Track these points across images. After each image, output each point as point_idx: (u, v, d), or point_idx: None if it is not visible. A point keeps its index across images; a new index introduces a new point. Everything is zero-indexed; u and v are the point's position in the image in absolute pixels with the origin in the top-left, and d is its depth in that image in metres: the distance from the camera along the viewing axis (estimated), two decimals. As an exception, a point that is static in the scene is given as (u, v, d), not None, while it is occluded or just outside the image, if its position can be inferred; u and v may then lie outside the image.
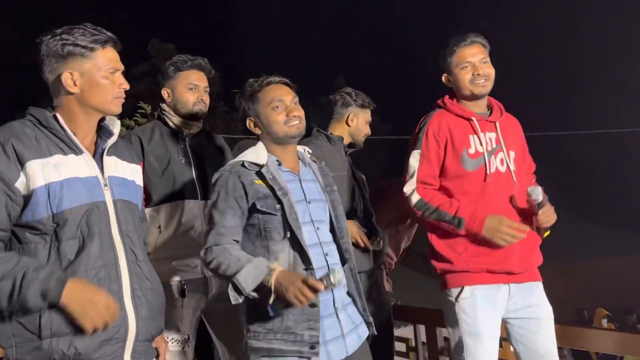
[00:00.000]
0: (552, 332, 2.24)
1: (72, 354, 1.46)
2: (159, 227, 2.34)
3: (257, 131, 1.96)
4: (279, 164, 1.91)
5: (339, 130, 2.90)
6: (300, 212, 1.84)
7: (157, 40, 19.06)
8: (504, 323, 2.27)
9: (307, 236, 1.83)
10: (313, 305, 1.75)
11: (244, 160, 1.88)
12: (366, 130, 2.93)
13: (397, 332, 2.97)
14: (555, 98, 24.86)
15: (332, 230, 1.98)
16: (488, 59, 2.27)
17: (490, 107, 2.33)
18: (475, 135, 2.22)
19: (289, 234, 1.80)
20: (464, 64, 2.23)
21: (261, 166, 1.85)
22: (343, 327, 1.86)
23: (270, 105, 1.91)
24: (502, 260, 2.17)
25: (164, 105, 2.48)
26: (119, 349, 1.53)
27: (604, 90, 24.49)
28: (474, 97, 2.26)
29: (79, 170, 1.54)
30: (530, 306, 2.22)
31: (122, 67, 1.63)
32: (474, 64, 2.23)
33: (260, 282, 1.68)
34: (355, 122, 2.89)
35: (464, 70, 2.24)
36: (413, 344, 3.47)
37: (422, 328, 3.32)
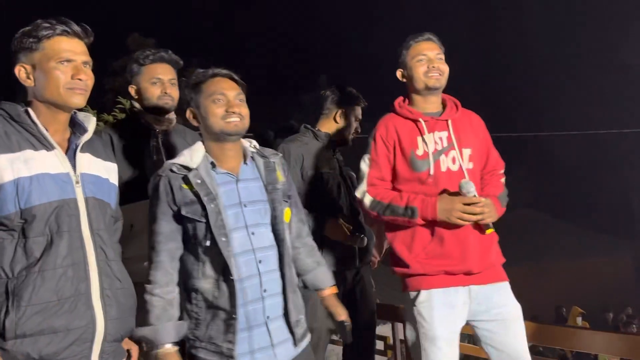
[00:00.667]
0: (522, 333, 2.21)
1: (37, 356, 1.43)
2: (131, 226, 2.32)
3: (195, 123, 1.89)
4: (213, 167, 1.82)
5: (326, 126, 2.87)
6: (232, 217, 1.77)
7: (138, 35, 18.80)
8: (471, 327, 2.25)
9: (239, 242, 1.76)
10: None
11: (173, 163, 1.81)
12: (356, 127, 2.90)
13: (376, 330, 2.99)
14: (532, 99, 25.21)
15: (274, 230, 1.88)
16: (443, 57, 2.29)
17: (444, 104, 2.33)
18: (422, 137, 2.21)
19: (212, 242, 1.74)
20: (419, 56, 2.25)
21: (190, 170, 1.78)
22: (273, 337, 1.80)
23: (211, 97, 1.82)
24: (459, 261, 2.14)
25: (135, 102, 2.44)
26: (85, 349, 1.50)
27: (581, 92, 24.91)
28: (428, 91, 2.26)
29: (49, 166, 1.51)
30: (495, 307, 2.18)
31: (78, 58, 1.56)
32: (429, 57, 2.24)
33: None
34: (344, 119, 2.85)
35: (419, 63, 2.25)
36: (391, 341, 3.50)
37: (400, 326, 3.34)
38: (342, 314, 2.01)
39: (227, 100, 1.82)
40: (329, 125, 2.86)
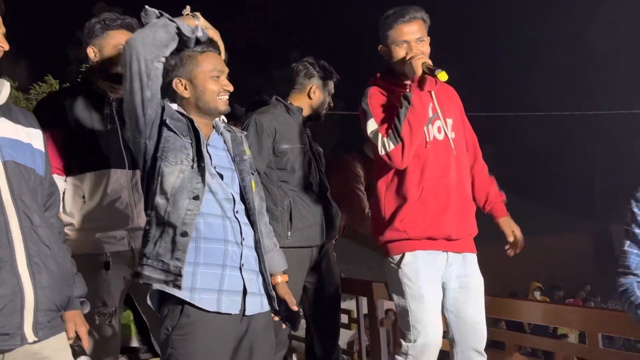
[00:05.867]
0: (482, 303, 2.33)
1: None
2: (83, 197, 2.25)
3: (186, 94, 1.87)
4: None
5: (299, 101, 2.81)
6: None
7: (104, 4, 18.22)
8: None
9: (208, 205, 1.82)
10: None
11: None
12: (329, 102, 2.87)
13: (341, 304, 3.03)
14: (501, 80, 25.46)
15: (243, 200, 1.93)
16: (425, 37, 2.27)
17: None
18: None
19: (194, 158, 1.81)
20: (400, 41, 2.23)
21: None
22: (247, 286, 1.84)
23: (211, 72, 1.86)
24: (440, 225, 2.23)
25: (87, 67, 2.35)
26: (16, 319, 1.44)
27: (546, 74, 25.26)
28: (405, 76, 2.27)
29: None
30: (463, 276, 2.31)
31: None
32: (410, 43, 2.23)
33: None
34: (318, 94, 2.80)
35: (399, 48, 2.24)
36: (355, 315, 3.54)
37: (364, 300, 3.39)
38: (294, 304, 2.04)
39: (222, 79, 1.88)
40: (302, 99, 2.82)
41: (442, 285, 2.31)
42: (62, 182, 2.23)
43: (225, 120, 2.01)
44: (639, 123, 20.24)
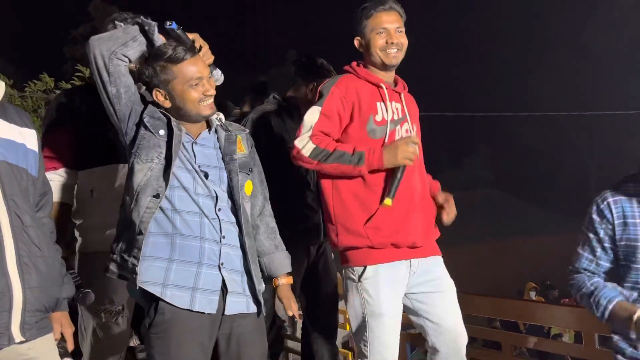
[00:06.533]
0: (457, 304, 2.23)
1: None
2: (92, 192, 2.25)
3: (167, 104, 1.85)
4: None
5: (296, 99, 2.80)
6: (185, 180, 1.84)
7: (99, 1, 18.15)
8: (407, 300, 2.23)
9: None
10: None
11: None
12: None
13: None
14: (497, 80, 25.51)
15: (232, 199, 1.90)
16: (403, 29, 2.22)
17: (395, 81, 2.31)
18: (382, 103, 2.18)
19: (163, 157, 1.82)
20: (379, 29, 2.16)
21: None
22: (228, 285, 1.81)
23: (189, 82, 1.81)
24: (406, 232, 2.12)
25: None
26: (4, 319, 1.43)
27: (543, 75, 25.32)
28: (384, 67, 2.21)
29: None
30: (432, 280, 2.20)
31: None
32: (389, 31, 2.16)
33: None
34: (315, 92, 2.80)
35: (378, 36, 2.17)
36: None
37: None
38: (294, 309, 2.01)
39: (202, 84, 1.82)
40: (299, 97, 2.80)
41: (408, 294, 2.20)
42: (57, 177, 2.23)
43: (222, 119, 1.96)
44: (634, 123, 20.30)
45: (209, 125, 1.94)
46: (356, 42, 2.24)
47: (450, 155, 25.92)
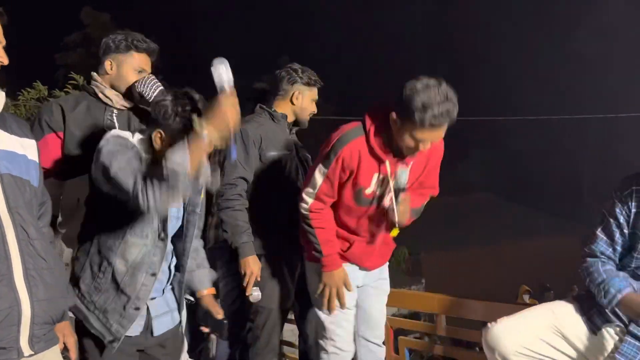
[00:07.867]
0: (384, 302, 2.63)
1: None
2: (78, 201, 2.22)
3: (162, 146, 1.81)
4: None
5: (282, 107, 2.79)
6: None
7: (90, 8, 18.09)
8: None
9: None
10: None
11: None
12: (312, 109, 2.82)
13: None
14: (491, 85, 25.70)
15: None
16: (442, 138, 2.21)
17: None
18: (379, 174, 2.24)
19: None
20: (419, 138, 2.08)
21: None
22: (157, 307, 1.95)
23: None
24: (360, 262, 2.47)
25: (96, 76, 2.35)
26: (12, 333, 1.42)
27: (536, 79, 25.54)
28: (399, 152, 2.21)
29: None
30: (379, 279, 2.57)
31: None
32: (425, 144, 2.11)
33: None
34: (301, 100, 2.77)
35: (414, 140, 2.10)
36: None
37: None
38: (219, 313, 2.09)
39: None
40: (285, 105, 2.79)
41: (358, 286, 2.51)
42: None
43: None
44: (626, 127, 20.46)
45: None
46: (392, 116, 2.11)
47: (444, 159, 25.97)
